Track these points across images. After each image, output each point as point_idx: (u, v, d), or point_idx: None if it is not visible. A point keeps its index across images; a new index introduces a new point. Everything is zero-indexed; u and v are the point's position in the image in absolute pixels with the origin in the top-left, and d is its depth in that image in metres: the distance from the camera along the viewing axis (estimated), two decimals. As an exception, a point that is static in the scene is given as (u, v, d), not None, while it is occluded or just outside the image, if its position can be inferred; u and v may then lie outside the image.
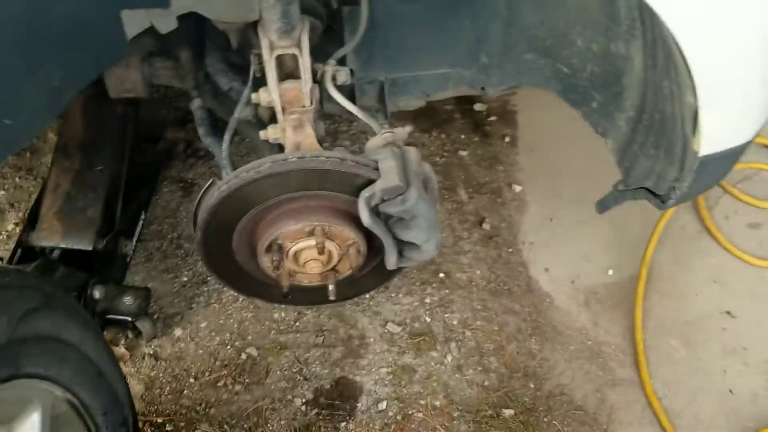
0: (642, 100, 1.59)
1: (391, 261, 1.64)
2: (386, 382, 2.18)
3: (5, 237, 2.42)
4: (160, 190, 2.57)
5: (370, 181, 1.51)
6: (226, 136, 1.65)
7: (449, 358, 2.24)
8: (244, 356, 2.20)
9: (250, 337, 2.24)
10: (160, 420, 2.06)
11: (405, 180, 1.49)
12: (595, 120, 1.78)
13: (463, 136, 2.84)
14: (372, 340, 2.27)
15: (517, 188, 2.70)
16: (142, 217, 2.38)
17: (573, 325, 2.38)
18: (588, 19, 1.65)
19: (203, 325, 2.26)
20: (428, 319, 2.32)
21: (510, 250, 2.53)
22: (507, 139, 2.86)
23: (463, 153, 2.79)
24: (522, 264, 2.51)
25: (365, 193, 1.49)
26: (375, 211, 1.53)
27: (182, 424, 2.06)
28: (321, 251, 1.61)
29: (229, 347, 2.22)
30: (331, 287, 1.71)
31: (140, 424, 2.04)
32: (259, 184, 1.49)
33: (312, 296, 1.91)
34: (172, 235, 2.46)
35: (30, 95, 1.30)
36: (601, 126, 1.77)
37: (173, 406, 2.10)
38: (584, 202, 2.08)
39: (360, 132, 2.77)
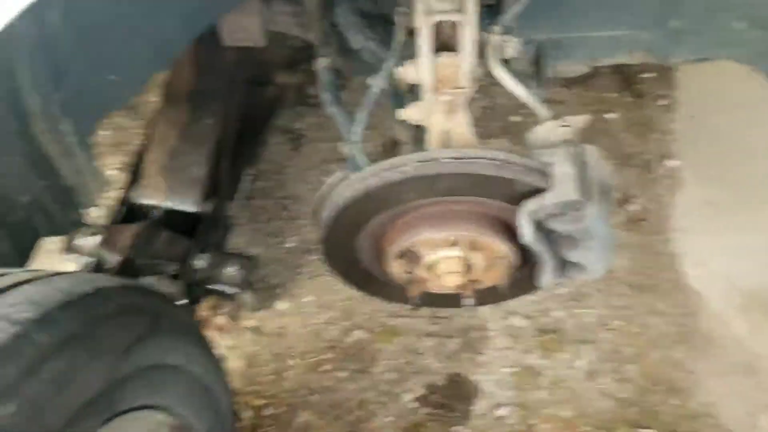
0: None
1: (545, 280, 1.35)
2: (508, 384, 1.93)
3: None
4: (268, 142, 2.33)
5: (536, 189, 1.20)
6: (360, 116, 1.36)
7: (581, 362, 1.96)
8: (350, 339, 2.00)
9: (358, 318, 2.03)
10: (259, 402, 1.90)
11: (583, 192, 1.18)
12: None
13: (611, 95, 2.44)
14: (493, 333, 2.01)
15: (672, 163, 2.30)
16: (249, 172, 2.16)
17: (726, 334, 2.03)
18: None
19: (308, 299, 2.06)
20: (559, 315, 2.03)
21: (659, 237, 2.17)
22: (663, 102, 2.43)
23: (610, 116, 2.39)
24: (671, 255, 2.15)
25: (531, 206, 1.19)
26: (539, 226, 1.24)
27: (283, 409, 1.90)
28: (463, 264, 1.33)
29: (334, 327, 2.02)
30: (467, 302, 1.44)
31: (240, 405, 1.89)
32: (402, 185, 1.21)
33: (441, 301, 1.65)
34: (279, 193, 2.24)
35: (139, 48, 1.21)
36: None
37: (274, 388, 1.93)
38: (752, 185, 1.69)
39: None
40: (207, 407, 1.30)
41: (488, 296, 1.54)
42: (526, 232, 1.23)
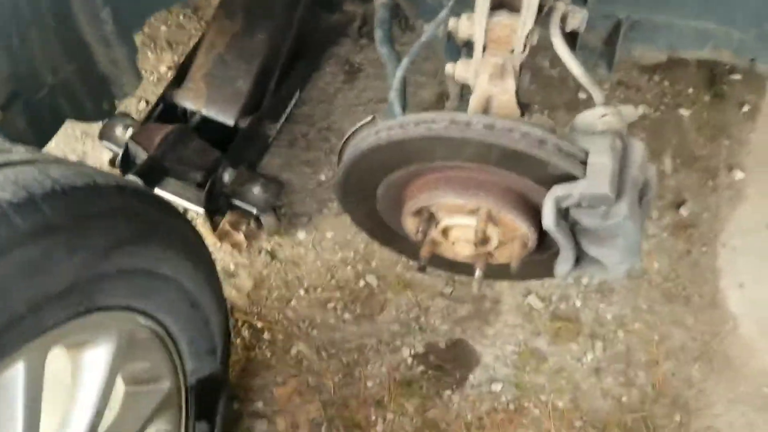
0: None
1: (562, 270, 1.28)
2: (509, 361, 1.89)
3: (156, 79, 2.26)
4: (322, 68, 2.27)
5: (568, 175, 1.12)
6: (404, 62, 1.29)
7: (590, 356, 1.90)
8: (362, 283, 1.97)
9: (374, 264, 2.00)
10: (259, 324, 1.91)
11: (617, 189, 1.09)
12: None
13: (690, 90, 2.27)
14: (506, 308, 1.95)
15: (739, 174, 2.15)
16: (296, 95, 2.12)
17: (752, 364, 1.92)
18: None
19: (329, 235, 2.04)
20: (578, 304, 1.96)
21: (704, 249, 2.05)
22: (745, 108, 2.25)
23: (684, 112, 2.23)
24: (713, 270, 2.03)
25: (559, 192, 1.11)
26: (563, 214, 1.16)
27: (281, 336, 1.90)
28: (479, 236, 1.27)
29: (349, 268, 1.99)
30: (478, 274, 1.38)
31: (239, 323, 1.91)
32: (426, 142, 1.14)
33: (453, 266, 1.59)
34: (322, 123, 2.19)
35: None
36: None
37: (276, 315, 1.94)
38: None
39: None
40: (192, 320, 1.30)
41: (498, 272, 1.48)
42: (549, 218, 1.16)
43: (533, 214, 1.23)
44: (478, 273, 1.38)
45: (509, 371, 1.87)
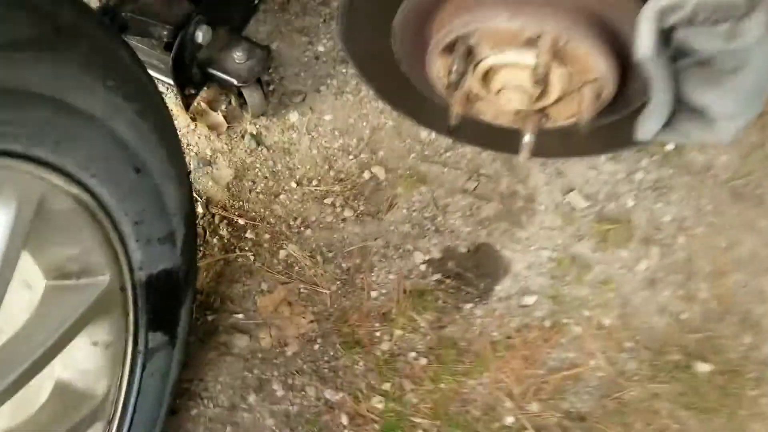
0: None
1: (648, 128, 0.92)
2: (544, 270, 1.55)
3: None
4: None
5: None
6: None
7: (644, 264, 1.56)
8: (367, 175, 1.62)
9: (382, 153, 1.64)
10: (241, 221, 1.57)
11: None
12: None
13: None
14: (543, 207, 1.60)
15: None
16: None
17: (836, 277, 1.59)
18: None
19: (327, 117, 1.67)
20: (631, 203, 1.60)
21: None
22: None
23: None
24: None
25: (661, 2, 0.74)
26: (665, 37, 0.79)
27: (267, 236, 1.56)
28: (539, 79, 0.90)
29: (352, 157, 1.63)
30: (527, 139, 1.02)
31: (216, 220, 1.56)
32: None
33: (491, 137, 1.23)
34: (321, -17, 1.79)
35: None
36: None
37: (262, 210, 1.59)
38: None
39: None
40: (138, 190, 0.95)
41: (554, 143, 1.11)
42: (646, 42, 0.79)
43: (619, 46, 0.86)
44: (527, 137, 1.02)
45: (545, 281, 1.54)
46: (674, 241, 1.58)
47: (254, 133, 1.65)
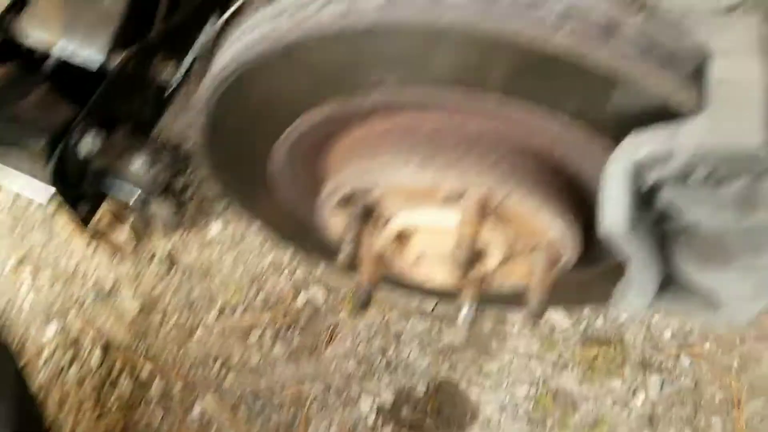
0: None
1: (629, 304, 0.65)
2: (520, 412, 1.26)
3: None
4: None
5: (663, 107, 0.48)
6: None
7: (641, 397, 1.27)
8: (303, 299, 1.34)
9: (319, 270, 1.36)
10: (148, 368, 1.29)
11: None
12: None
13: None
14: (516, 330, 1.32)
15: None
16: (214, 21, 1.44)
17: None
18: None
19: (255, 228, 1.40)
20: (622, 317, 1.32)
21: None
22: None
23: None
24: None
25: (643, 148, 0.48)
26: (644, 198, 0.52)
27: (179, 384, 1.28)
28: (465, 251, 0.63)
29: (283, 277, 1.36)
30: (465, 310, 0.74)
31: (118, 365, 1.28)
32: (351, 43, 0.50)
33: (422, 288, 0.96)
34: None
35: None
36: None
37: (175, 350, 1.31)
38: None
39: None
40: None
41: (504, 298, 0.84)
42: (614, 213, 0.52)
43: (574, 198, 0.59)
44: (465, 310, 0.74)
45: (521, 428, 1.25)
46: (677, 363, 1.30)
47: (167, 253, 1.37)
